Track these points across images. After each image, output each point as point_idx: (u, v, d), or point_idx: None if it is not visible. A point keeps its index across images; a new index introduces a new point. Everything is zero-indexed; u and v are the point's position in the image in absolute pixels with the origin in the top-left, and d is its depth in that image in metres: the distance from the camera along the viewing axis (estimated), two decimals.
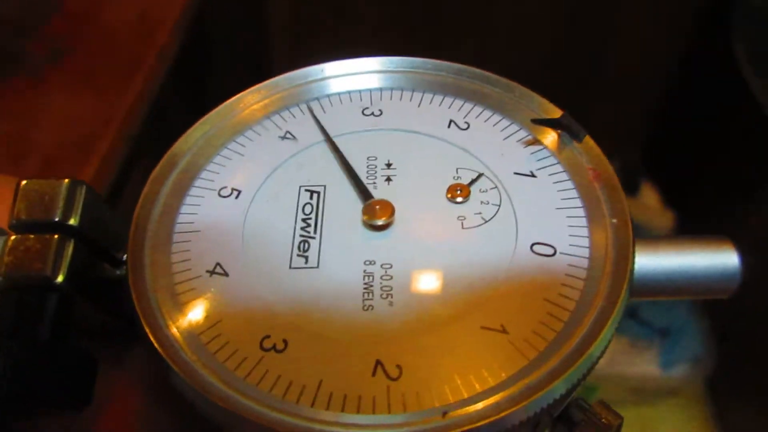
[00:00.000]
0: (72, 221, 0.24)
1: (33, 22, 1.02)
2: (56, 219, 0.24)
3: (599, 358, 0.22)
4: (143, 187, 0.28)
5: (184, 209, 0.26)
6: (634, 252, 0.23)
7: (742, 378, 1.14)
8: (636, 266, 0.24)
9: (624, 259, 0.23)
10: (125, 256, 0.26)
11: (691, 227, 1.31)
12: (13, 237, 0.24)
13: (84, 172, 0.83)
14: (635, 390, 1.13)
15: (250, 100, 0.30)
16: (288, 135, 0.29)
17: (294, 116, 0.29)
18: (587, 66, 1.32)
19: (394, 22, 1.22)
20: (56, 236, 0.24)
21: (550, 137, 0.27)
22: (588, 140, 0.27)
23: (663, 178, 1.37)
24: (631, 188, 1.34)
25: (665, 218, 1.30)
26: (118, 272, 0.26)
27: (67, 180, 0.25)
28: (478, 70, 0.30)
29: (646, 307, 1.09)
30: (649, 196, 1.36)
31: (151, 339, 0.22)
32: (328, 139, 0.28)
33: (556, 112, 0.28)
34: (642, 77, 1.33)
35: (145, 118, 0.95)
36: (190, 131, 0.28)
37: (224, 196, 0.27)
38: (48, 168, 0.83)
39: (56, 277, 0.23)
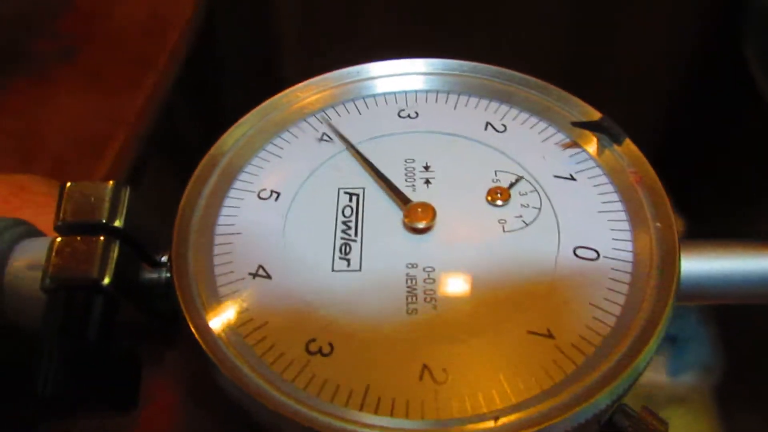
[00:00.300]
0: (117, 223, 0.24)
1: (44, 19, 1.03)
2: (103, 221, 0.24)
3: (649, 363, 0.22)
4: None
5: (224, 211, 0.27)
6: (680, 256, 0.24)
7: (750, 386, 1.14)
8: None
9: (670, 264, 0.23)
10: (164, 258, 0.27)
11: (700, 232, 1.31)
12: (59, 239, 0.24)
13: (95, 172, 0.83)
14: (642, 397, 1.13)
15: (287, 101, 0.30)
16: (325, 137, 0.29)
17: (330, 118, 0.30)
18: (593, 70, 1.32)
19: (400, 23, 1.23)
20: (102, 238, 0.24)
21: (589, 140, 0.28)
22: (628, 143, 0.27)
23: (672, 182, 1.38)
24: None
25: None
26: (157, 273, 0.27)
27: (111, 182, 0.25)
28: (515, 73, 0.30)
29: None
30: None
31: (198, 340, 0.23)
32: (351, 147, 0.28)
33: (595, 115, 0.28)
34: (650, 81, 1.33)
35: (156, 117, 0.96)
36: (229, 132, 0.29)
37: (264, 198, 0.27)
38: (59, 167, 0.83)
39: (103, 279, 0.24)
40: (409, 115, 0.30)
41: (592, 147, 0.28)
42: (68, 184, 0.25)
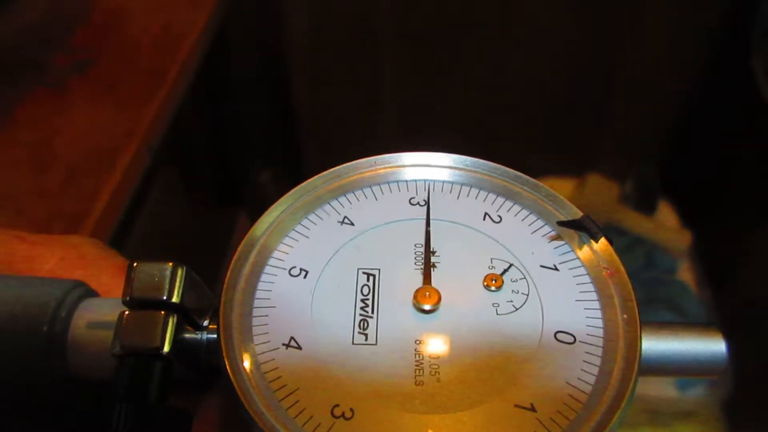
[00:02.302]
0: (175, 299, 0.31)
1: (58, 32, 1.09)
2: (164, 298, 0.30)
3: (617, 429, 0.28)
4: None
5: (261, 286, 0.33)
6: (641, 344, 0.30)
7: (758, 400, 1.19)
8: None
9: (633, 352, 0.29)
10: (205, 322, 0.33)
11: (708, 246, 1.37)
12: (127, 312, 0.30)
13: (106, 183, 0.89)
14: (651, 411, 1.19)
15: (313, 187, 0.36)
16: (346, 220, 0.35)
17: (350, 203, 0.36)
18: (604, 84, 1.37)
19: (412, 37, 1.28)
20: (163, 313, 0.30)
21: (571, 235, 0.34)
22: (603, 241, 0.33)
23: (681, 196, 1.43)
24: (648, 207, 1.41)
25: (683, 237, 1.36)
26: (200, 335, 0.33)
27: (171, 263, 0.31)
28: (510, 170, 0.36)
29: None
30: (667, 215, 1.42)
31: (243, 403, 0.29)
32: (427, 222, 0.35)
33: (578, 213, 0.34)
34: (659, 96, 1.39)
35: (167, 129, 1.02)
36: (264, 216, 0.35)
37: (294, 276, 0.33)
38: (71, 178, 0.90)
39: (163, 348, 0.30)
40: (418, 203, 0.36)
41: (573, 241, 0.34)
42: (135, 264, 0.31)
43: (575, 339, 0.30)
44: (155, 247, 1.08)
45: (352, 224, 0.35)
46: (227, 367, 0.30)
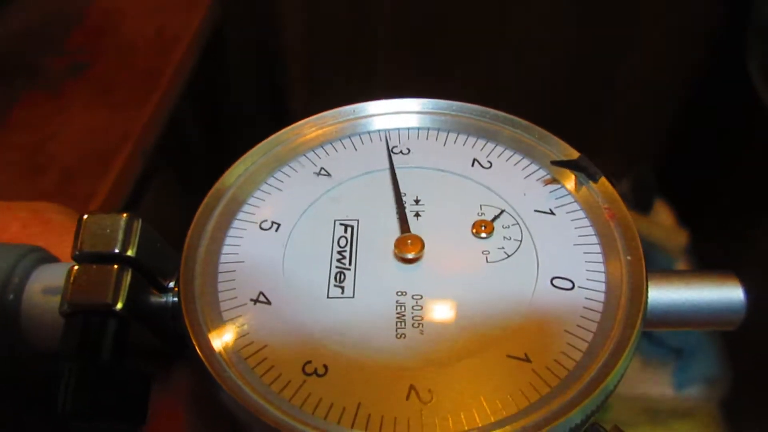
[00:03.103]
0: (130, 252, 0.27)
1: (54, 35, 1.06)
2: (116, 250, 0.27)
3: (617, 385, 0.24)
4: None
5: (228, 241, 0.29)
6: (647, 287, 0.26)
7: (756, 399, 1.15)
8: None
9: (638, 294, 0.26)
10: (171, 283, 0.29)
11: (705, 246, 1.33)
12: (76, 267, 0.27)
13: (101, 185, 0.86)
14: (649, 410, 1.15)
15: (287, 137, 0.33)
16: (323, 171, 0.31)
17: (327, 153, 0.32)
18: (602, 84, 1.34)
19: (410, 41, 1.25)
20: (116, 267, 0.26)
21: (568, 177, 0.30)
22: (603, 181, 0.29)
23: (677, 195, 1.40)
24: (644, 206, 1.37)
25: (679, 237, 1.32)
26: (164, 298, 0.29)
27: (125, 214, 0.27)
28: (500, 112, 0.32)
29: None
30: (663, 214, 1.38)
31: (203, 361, 0.25)
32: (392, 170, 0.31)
33: (574, 154, 0.30)
34: (657, 95, 1.35)
35: (161, 132, 0.99)
36: (233, 167, 0.31)
37: (265, 229, 0.29)
38: (66, 181, 0.86)
39: (116, 304, 0.26)
40: (401, 152, 0.32)
41: (570, 184, 0.30)
42: (85, 216, 0.27)
43: (574, 285, 0.27)
44: None
45: (329, 175, 0.31)
46: (186, 324, 0.26)
